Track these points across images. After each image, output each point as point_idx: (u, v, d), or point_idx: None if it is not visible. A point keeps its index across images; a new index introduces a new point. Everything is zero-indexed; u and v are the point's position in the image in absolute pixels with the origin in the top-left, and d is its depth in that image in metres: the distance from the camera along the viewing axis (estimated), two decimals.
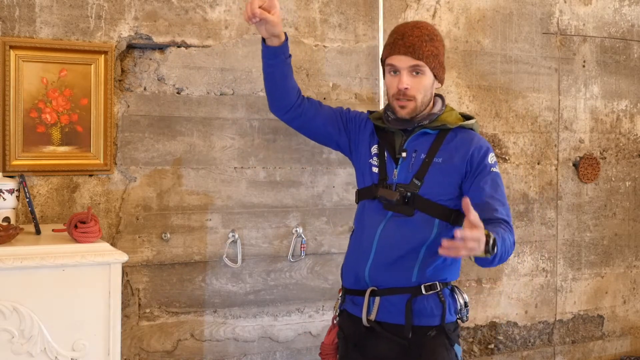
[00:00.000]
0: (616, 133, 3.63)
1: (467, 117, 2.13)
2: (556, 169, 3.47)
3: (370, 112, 2.23)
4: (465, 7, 3.19)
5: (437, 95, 2.13)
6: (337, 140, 2.24)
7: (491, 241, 1.72)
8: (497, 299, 3.35)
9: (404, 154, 2.04)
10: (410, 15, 3.06)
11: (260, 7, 1.97)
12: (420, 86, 2.00)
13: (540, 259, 3.45)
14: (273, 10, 1.99)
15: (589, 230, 3.58)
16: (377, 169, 2.09)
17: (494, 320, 3.35)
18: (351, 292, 2.09)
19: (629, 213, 3.70)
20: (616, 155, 3.64)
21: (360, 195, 2.16)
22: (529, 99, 3.37)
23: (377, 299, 2.00)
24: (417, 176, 2.01)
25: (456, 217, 2.04)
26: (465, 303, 2.05)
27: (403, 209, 2.00)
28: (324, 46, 2.88)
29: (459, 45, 3.18)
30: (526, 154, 3.37)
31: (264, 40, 2.08)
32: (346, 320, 2.11)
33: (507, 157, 3.33)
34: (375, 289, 2.01)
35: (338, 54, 2.90)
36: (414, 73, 2.00)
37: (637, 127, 3.70)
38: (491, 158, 2.04)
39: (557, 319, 3.51)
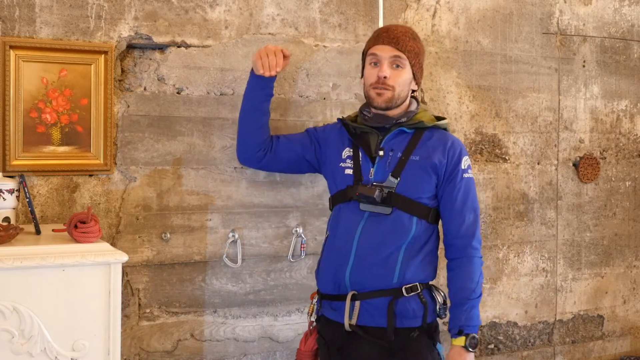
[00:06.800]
0: (616, 133, 3.63)
1: (439, 119, 2.15)
2: (556, 169, 3.47)
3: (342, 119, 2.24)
4: (465, 7, 3.19)
5: (412, 97, 2.15)
6: (305, 157, 2.26)
7: (467, 343, 1.95)
8: (497, 299, 3.35)
9: (381, 153, 2.04)
10: (410, 15, 3.06)
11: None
12: (399, 78, 2.03)
13: (540, 259, 3.45)
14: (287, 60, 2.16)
15: (589, 230, 3.58)
16: (351, 170, 2.08)
17: (494, 320, 3.35)
18: (328, 297, 2.07)
19: (629, 213, 3.70)
20: (616, 155, 3.64)
21: (335, 200, 2.13)
22: (529, 99, 3.37)
23: (358, 303, 1.98)
24: (394, 174, 2.01)
25: (434, 216, 2.04)
26: (444, 301, 2.05)
27: (381, 208, 1.99)
28: (324, 46, 2.88)
29: (459, 45, 3.18)
30: (526, 154, 3.37)
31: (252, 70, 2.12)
32: (325, 326, 2.10)
33: (507, 157, 3.33)
34: (356, 292, 2.00)
35: (338, 54, 2.90)
36: (394, 66, 2.02)
37: (637, 127, 3.70)
38: (465, 162, 2.04)
39: (557, 319, 3.51)
